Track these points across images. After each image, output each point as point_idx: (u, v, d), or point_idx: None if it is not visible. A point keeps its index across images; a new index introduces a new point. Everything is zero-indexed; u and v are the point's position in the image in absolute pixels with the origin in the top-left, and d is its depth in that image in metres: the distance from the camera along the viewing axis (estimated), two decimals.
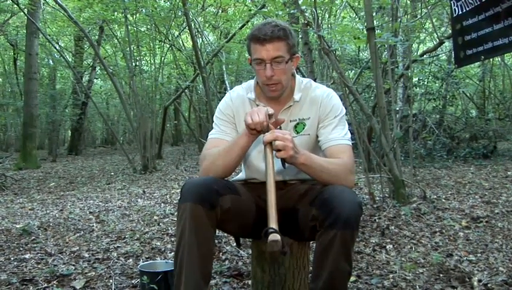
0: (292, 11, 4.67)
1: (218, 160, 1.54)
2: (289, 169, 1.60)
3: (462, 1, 2.57)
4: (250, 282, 1.97)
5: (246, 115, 1.47)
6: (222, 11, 10.27)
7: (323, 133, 1.63)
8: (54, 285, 2.23)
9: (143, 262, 2.43)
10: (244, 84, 1.77)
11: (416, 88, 8.12)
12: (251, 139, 1.51)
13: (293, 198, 1.62)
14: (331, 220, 1.36)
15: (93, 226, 3.51)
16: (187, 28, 7.81)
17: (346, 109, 1.80)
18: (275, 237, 1.28)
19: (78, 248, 2.88)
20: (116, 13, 8.20)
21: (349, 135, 1.64)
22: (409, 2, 6.99)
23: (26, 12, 8.78)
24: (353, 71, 8.70)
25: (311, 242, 1.81)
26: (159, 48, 9.12)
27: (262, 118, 1.44)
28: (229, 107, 1.70)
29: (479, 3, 2.44)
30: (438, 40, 5.63)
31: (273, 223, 1.32)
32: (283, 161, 1.46)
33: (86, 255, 2.72)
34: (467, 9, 2.54)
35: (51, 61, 14.58)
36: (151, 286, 1.95)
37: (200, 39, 9.29)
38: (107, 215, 3.89)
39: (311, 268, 1.71)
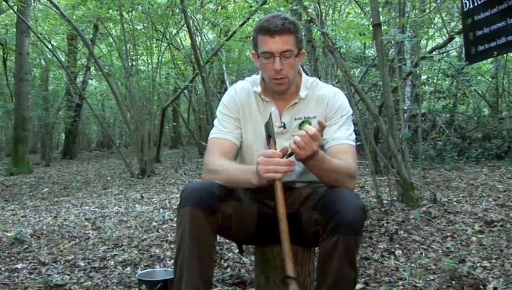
0: (295, 7, 4.71)
1: (221, 180, 1.52)
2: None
3: None
4: None
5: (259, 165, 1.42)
6: (222, 8, 10.39)
7: (328, 131, 1.61)
8: None
9: (141, 270, 2.41)
10: (248, 78, 1.76)
11: (425, 86, 8.11)
12: (264, 183, 1.46)
13: (296, 202, 1.61)
14: (334, 225, 1.35)
15: (88, 233, 3.47)
16: (185, 25, 7.76)
17: (351, 109, 1.75)
18: (295, 289, 1.35)
19: (73, 256, 2.83)
20: (111, 11, 8.10)
21: (354, 136, 1.64)
22: None
23: (15, 10, 8.62)
24: (359, 69, 8.67)
25: (316, 248, 1.78)
26: (156, 46, 9.01)
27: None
28: (233, 100, 1.69)
29: None
30: (447, 35, 5.59)
31: (290, 270, 1.36)
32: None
33: (82, 264, 2.68)
34: (479, 2, 2.51)
35: (42, 61, 14.54)
36: None
37: (199, 37, 9.24)
38: (104, 222, 3.85)
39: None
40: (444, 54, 7.75)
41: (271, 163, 1.39)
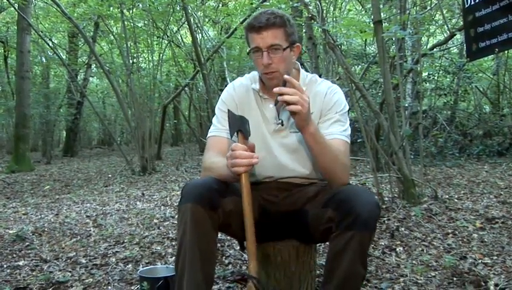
0: (295, 4, 4.64)
1: (215, 176, 1.54)
2: (290, 163, 1.63)
3: None
4: None
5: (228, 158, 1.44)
6: (222, 5, 10.25)
7: (322, 127, 1.61)
8: None
9: (143, 267, 2.40)
10: (248, 74, 1.77)
11: (426, 83, 8.07)
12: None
13: (301, 200, 1.61)
14: (350, 221, 1.35)
15: (90, 230, 3.45)
16: (186, 23, 7.82)
17: (352, 105, 1.87)
18: (250, 288, 1.36)
19: (74, 253, 2.83)
20: (111, 8, 8.10)
21: (348, 132, 1.64)
22: None
23: (16, 8, 8.66)
24: (360, 66, 8.66)
25: (317, 245, 1.81)
26: (157, 44, 8.95)
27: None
28: (231, 97, 1.70)
29: None
30: (448, 32, 5.53)
31: (252, 270, 1.38)
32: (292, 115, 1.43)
33: (83, 261, 2.67)
34: None
35: (43, 59, 14.58)
36: None
37: (200, 35, 9.22)
38: (105, 219, 3.84)
39: (318, 272, 1.78)
40: (445, 51, 7.69)
41: (233, 156, 1.39)
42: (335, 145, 1.55)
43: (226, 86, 1.82)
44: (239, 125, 1.53)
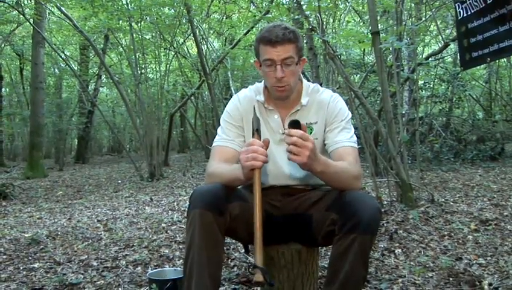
0: (296, 17, 4.74)
1: (219, 182, 1.54)
2: (294, 172, 1.64)
3: (467, 3, 2.56)
4: (258, 289, 2.00)
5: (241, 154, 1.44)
6: (226, 18, 10.31)
7: (329, 136, 1.63)
8: None
9: (152, 270, 2.44)
10: (252, 86, 1.76)
11: (422, 91, 8.13)
12: (250, 175, 1.45)
13: (305, 204, 1.63)
14: (352, 224, 1.36)
15: (101, 234, 3.51)
16: (192, 35, 7.97)
17: (352, 113, 1.80)
18: (259, 278, 1.35)
19: (86, 256, 2.88)
20: (121, 21, 8.28)
21: (355, 138, 1.64)
22: (413, 5, 6.98)
23: (32, 23, 8.89)
24: (358, 75, 8.73)
25: (319, 248, 1.80)
26: (164, 55, 9.07)
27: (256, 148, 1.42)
28: (236, 109, 1.70)
29: (484, 5, 2.44)
30: (443, 42, 5.65)
31: (259, 261, 1.37)
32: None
33: (95, 263, 2.72)
34: (472, 11, 2.54)
35: (56, 71, 14.71)
36: None
37: (205, 46, 9.33)
38: (115, 224, 3.90)
39: (320, 274, 1.77)
40: (440, 60, 7.77)
41: (250, 151, 1.40)
42: (344, 154, 1.56)
43: (230, 94, 1.88)
44: (257, 125, 1.55)
